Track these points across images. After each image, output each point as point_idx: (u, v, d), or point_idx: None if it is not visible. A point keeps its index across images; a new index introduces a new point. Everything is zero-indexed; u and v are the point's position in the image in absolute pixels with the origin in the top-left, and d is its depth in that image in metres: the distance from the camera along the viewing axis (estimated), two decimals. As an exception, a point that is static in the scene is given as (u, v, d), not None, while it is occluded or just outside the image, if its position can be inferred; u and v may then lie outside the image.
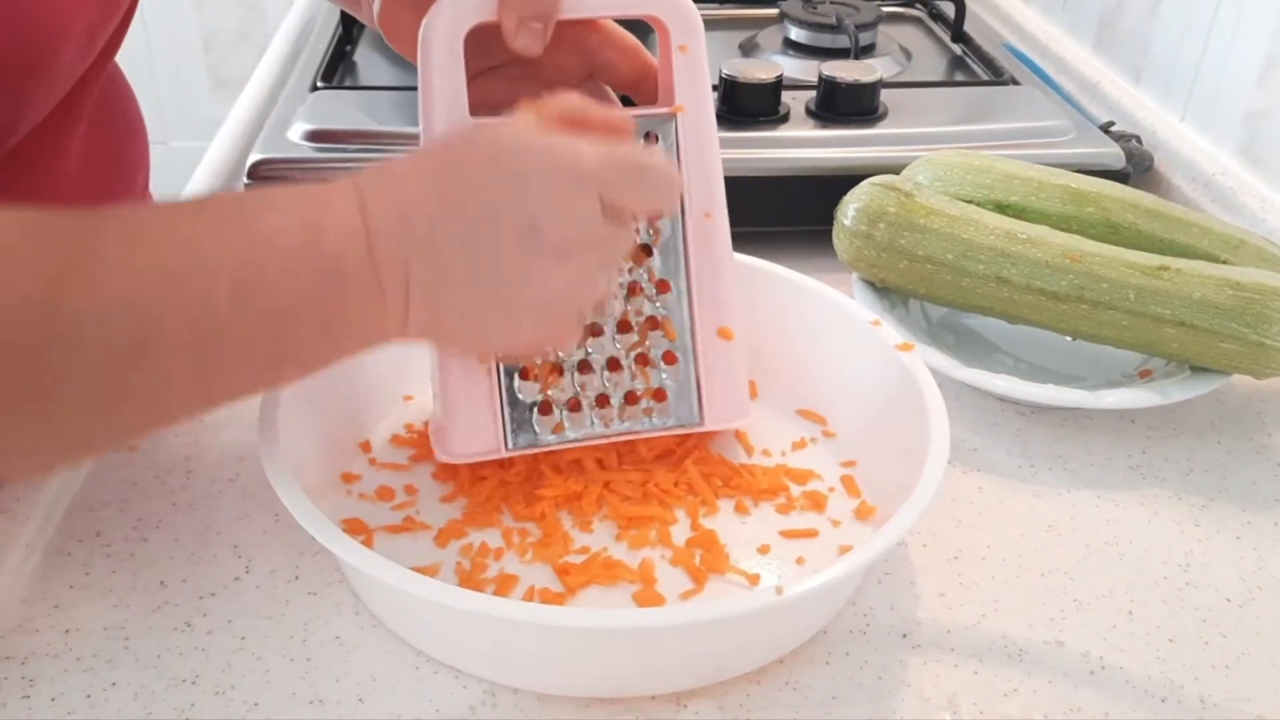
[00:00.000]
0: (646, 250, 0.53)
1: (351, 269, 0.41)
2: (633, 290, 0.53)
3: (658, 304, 0.54)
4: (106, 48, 0.55)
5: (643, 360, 0.54)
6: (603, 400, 0.54)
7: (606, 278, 0.48)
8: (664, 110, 0.52)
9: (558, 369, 0.53)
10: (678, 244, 0.53)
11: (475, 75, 0.51)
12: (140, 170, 0.66)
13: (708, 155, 0.53)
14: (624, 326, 0.53)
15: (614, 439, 0.54)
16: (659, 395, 0.54)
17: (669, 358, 0.54)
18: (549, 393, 0.53)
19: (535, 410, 0.53)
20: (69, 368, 0.36)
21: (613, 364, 0.54)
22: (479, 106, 0.50)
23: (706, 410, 0.54)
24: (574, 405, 0.53)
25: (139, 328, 0.37)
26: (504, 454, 0.53)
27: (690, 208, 0.53)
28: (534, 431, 0.53)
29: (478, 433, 0.52)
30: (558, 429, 0.53)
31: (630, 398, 0.54)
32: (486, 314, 0.45)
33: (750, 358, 0.62)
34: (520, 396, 0.52)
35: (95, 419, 0.39)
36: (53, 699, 0.45)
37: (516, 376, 0.52)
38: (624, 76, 0.54)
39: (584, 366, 0.53)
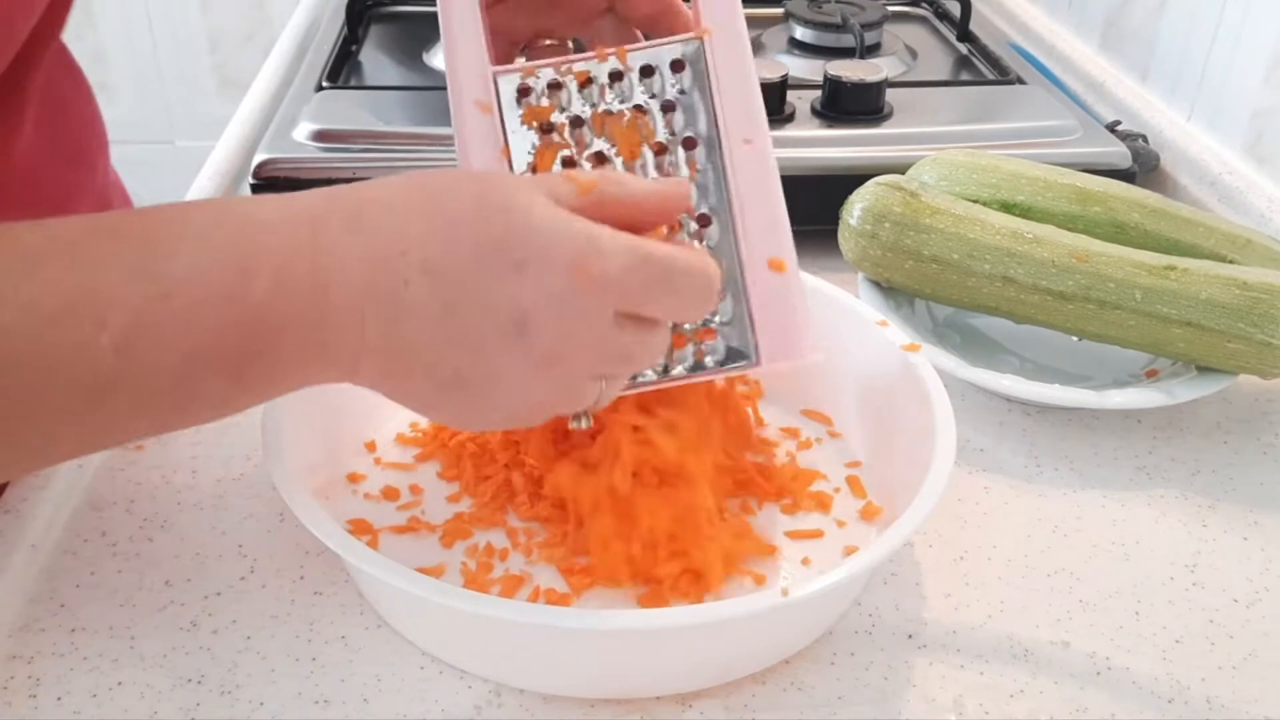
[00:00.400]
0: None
1: (286, 312, 0.37)
2: (672, 227, 0.49)
3: (700, 238, 0.50)
4: (47, 21, 0.50)
5: None
6: None
7: (597, 388, 0.42)
8: (689, 36, 0.48)
9: None
10: (718, 175, 0.49)
11: (495, 1, 0.49)
12: (100, 164, 0.63)
13: (742, 79, 0.48)
14: None
15: (665, 385, 0.50)
16: (707, 335, 0.50)
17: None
18: None
19: None
20: None
21: None
22: (499, 35, 0.48)
23: (763, 349, 0.50)
24: None
25: (15, 373, 0.34)
26: None
27: (728, 136, 0.49)
28: None
29: None
30: None
31: (677, 340, 0.50)
32: (446, 398, 0.40)
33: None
34: None
35: None
36: (59, 698, 0.45)
37: None
38: (645, 10, 0.50)
39: None
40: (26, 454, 0.37)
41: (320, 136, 0.77)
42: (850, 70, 0.81)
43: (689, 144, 0.49)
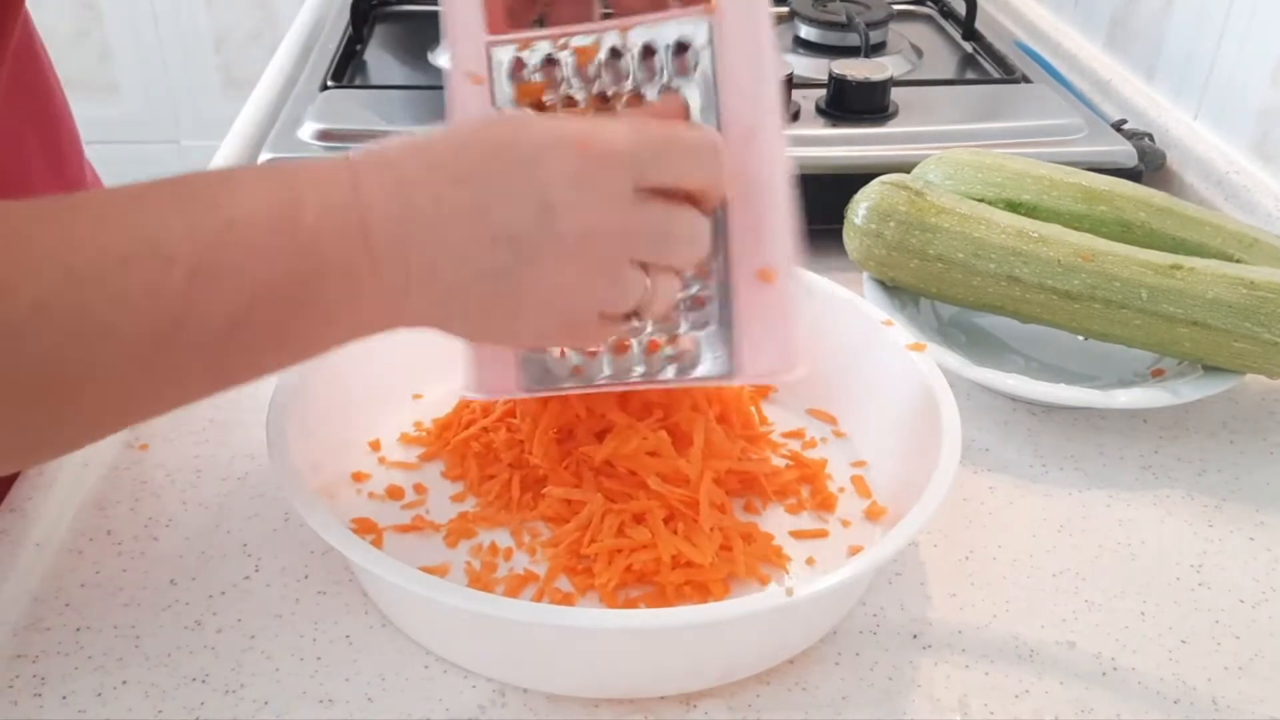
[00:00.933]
0: None
1: (336, 249, 0.38)
2: None
3: None
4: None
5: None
6: (621, 347, 0.49)
7: (642, 280, 0.43)
8: (693, 11, 0.44)
9: None
10: None
11: None
12: (71, 159, 0.63)
13: (750, 65, 0.45)
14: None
15: (636, 387, 0.50)
16: (684, 341, 0.48)
17: (696, 301, 0.48)
18: None
19: (551, 352, 0.50)
20: (6, 366, 0.34)
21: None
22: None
23: (743, 361, 0.47)
24: (591, 350, 0.50)
25: (83, 320, 0.34)
26: (520, 395, 0.51)
27: (727, 126, 0.45)
28: (550, 374, 0.50)
29: (496, 372, 0.51)
30: (576, 372, 0.50)
31: (652, 345, 0.49)
32: (494, 303, 0.41)
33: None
34: None
35: (39, 419, 0.36)
36: (64, 697, 0.45)
37: None
38: None
39: None
40: (95, 407, 0.37)
41: (325, 136, 0.77)
42: (855, 69, 0.81)
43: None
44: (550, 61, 0.47)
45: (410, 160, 0.40)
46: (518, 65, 0.47)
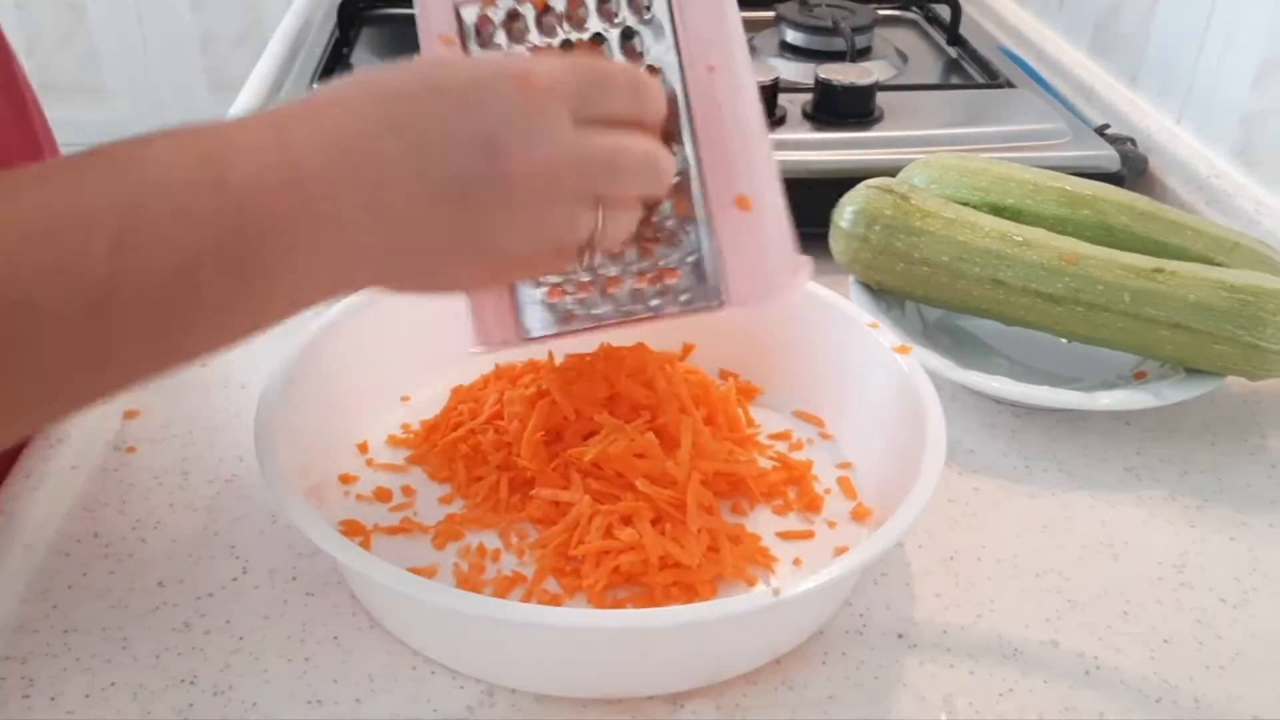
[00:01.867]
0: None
1: (269, 208, 0.36)
2: None
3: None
4: None
5: (650, 238, 0.49)
6: (612, 282, 0.50)
7: (594, 215, 0.42)
8: None
9: None
10: (677, 106, 0.47)
11: None
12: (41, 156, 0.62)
13: (709, 2, 0.46)
14: None
15: (631, 323, 0.50)
16: (671, 274, 0.49)
17: (676, 234, 0.49)
18: (553, 279, 0.51)
19: (544, 297, 0.51)
20: None
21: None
22: None
23: (730, 289, 0.48)
24: (584, 288, 0.51)
25: (3, 297, 0.33)
26: (519, 344, 0.51)
27: (691, 64, 0.46)
28: (545, 319, 0.51)
29: (495, 325, 0.51)
30: (568, 317, 0.51)
31: (641, 278, 0.50)
32: (451, 257, 0.40)
33: (748, 359, 0.63)
34: (524, 285, 0.51)
35: None
36: (52, 698, 0.45)
37: None
38: None
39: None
40: (32, 390, 0.35)
41: (313, 138, 0.77)
42: (841, 73, 0.81)
43: (649, 73, 0.47)
44: (513, 16, 0.47)
45: (340, 112, 0.39)
46: (483, 22, 0.48)
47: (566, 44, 0.48)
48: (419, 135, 0.38)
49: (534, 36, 0.48)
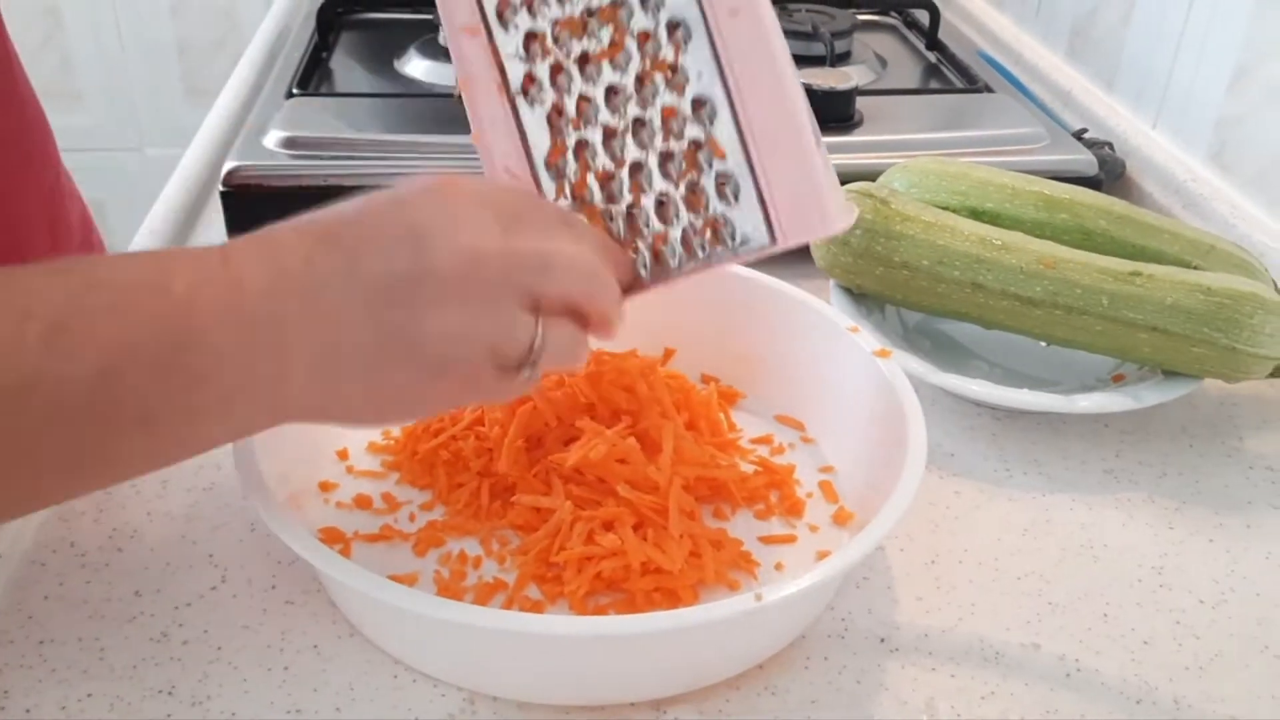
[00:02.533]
0: (671, 68, 0.48)
1: (207, 307, 0.37)
2: (668, 114, 0.48)
3: (694, 125, 0.48)
4: None
5: (693, 189, 0.49)
6: (660, 239, 0.50)
7: (531, 321, 0.42)
8: None
9: (601, 216, 0.50)
10: (704, 54, 0.47)
11: None
12: (49, 167, 0.62)
13: None
14: (665, 158, 0.49)
15: (683, 277, 0.49)
16: (718, 224, 0.49)
17: (720, 180, 0.48)
18: None
19: None
20: None
21: (662, 204, 0.49)
22: None
23: (781, 226, 0.48)
24: (630, 246, 0.50)
25: None
26: None
27: (713, 11, 0.46)
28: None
29: None
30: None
31: (686, 235, 0.49)
32: (383, 349, 0.40)
33: (729, 364, 0.63)
34: None
35: None
36: (27, 710, 0.44)
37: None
38: None
39: (630, 214, 0.50)
40: None
41: (290, 144, 0.77)
42: (820, 78, 0.81)
43: (672, 28, 0.47)
44: None
45: (282, 236, 0.40)
46: (503, 4, 0.48)
47: (589, 11, 0.47)
48: (353, 242, 0.39)
49: (554, 7, 0.47)
